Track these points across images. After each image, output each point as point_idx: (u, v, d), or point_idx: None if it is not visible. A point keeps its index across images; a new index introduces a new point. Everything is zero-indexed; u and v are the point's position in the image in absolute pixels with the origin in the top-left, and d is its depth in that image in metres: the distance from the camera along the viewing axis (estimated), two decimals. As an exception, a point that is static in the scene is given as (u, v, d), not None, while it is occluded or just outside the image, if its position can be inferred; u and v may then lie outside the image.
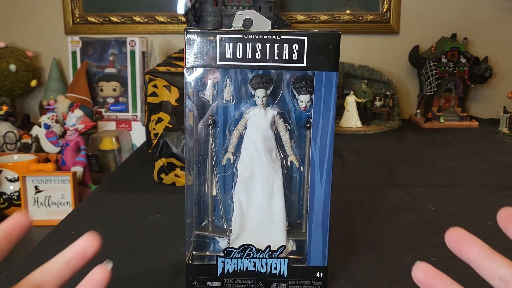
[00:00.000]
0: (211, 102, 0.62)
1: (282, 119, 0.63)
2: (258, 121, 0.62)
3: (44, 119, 1.75)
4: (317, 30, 0.58)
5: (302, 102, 0.61)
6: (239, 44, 0.57)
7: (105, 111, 1.95)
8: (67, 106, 1.79)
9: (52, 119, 1.74)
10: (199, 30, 0.57)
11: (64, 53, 2.00)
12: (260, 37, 0.57)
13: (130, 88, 1.94)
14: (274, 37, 0.57)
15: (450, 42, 1.88)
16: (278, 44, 0.57)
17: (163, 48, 2.06)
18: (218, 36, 0.57)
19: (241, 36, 0.57)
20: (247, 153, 0.63)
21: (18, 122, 1.86)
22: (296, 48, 0.57)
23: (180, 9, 2.03)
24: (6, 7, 2.06)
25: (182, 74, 0.77)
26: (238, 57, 0.58)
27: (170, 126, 1.14)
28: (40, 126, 1.76)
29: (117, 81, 1.94)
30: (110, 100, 1.95)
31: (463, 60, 1.89)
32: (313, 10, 2.03)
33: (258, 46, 0.57)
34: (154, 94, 1.22)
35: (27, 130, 1.82)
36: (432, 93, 1.91)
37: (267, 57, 0.58)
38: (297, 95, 0.62)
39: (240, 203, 0.64)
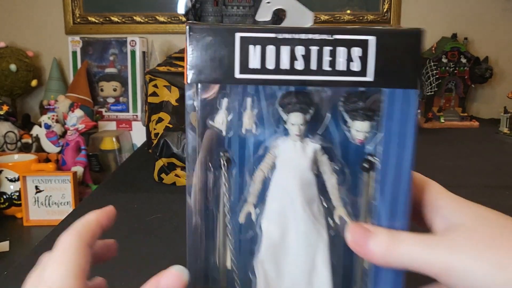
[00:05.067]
0: (224, 133, 0.43)
1: (327, 156, 0.44)
2: (293, 159, 0.43)
3: (44, 119, 1.75)
4: (389, 27, 0.40)
5: (358, 131, 0.42)
6: (271, 48, 0.39)
7: (106, 111, 1.95)
8: (68, 106, 1.79)
9: (53, 119, 1.74)
10: (208, 26, 0.39)
11: (65, 53, 2.00)
12: (303, 36, 0.39)
13: (131, 88, 1.94)
14: (324, 36, 0.39)
15: (450, 42, 1.88)
16: (330, 48, 0.39)
17: (164, 48, 2.06)
18: (238, 35, 0.39)
19: (273, 35, 0.39)
20: (276, 205, 0.43)
21: (18, 122, 1.86)
22: (358, 54, 0.39)
23: (181, 9, 2.03)
24: (6, 6, 2.06)
25: (182, 74, 0.76)
26: (269, 67, 0.39)
27: (171, 126, 1.14)
28: (40, 126, 1.76)
29: (117, 81, 1.94)
30: (111, 100, 1.95)
31: (463, 60, 1.89)
32: (313, 10, 2.01)
33: (300, 50, 0.39)
34: (154, 94, 1.22)
35: (27, 130, 1.82)
36: (433, 93, 1.91)
37: (314, 67, 0.39)
38: (350, 120, 0.42)
39: (266, 277, 0.44)
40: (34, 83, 1.99)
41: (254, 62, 0.39)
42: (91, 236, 0.41)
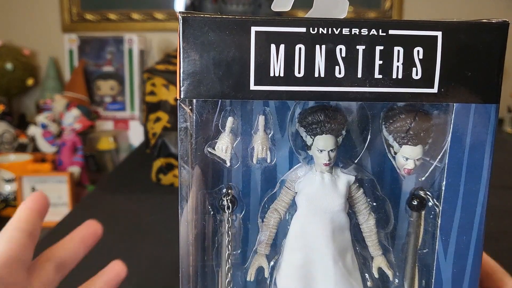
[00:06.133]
0: (228, 163, 0.31)
1: (363, 191, 0.33)
2: (321, 197, 0.32)
3: (40, 118, 1.73)
4: (458, 19, 0.29)
5: (406, 158, 0.31)
6: (300, 48, 0.28)
7: (103, 110, 1.93)
8: (64, 105, 1.77)
9: (49, 118, 1.73)
10: (211, 17, 0.28)
11: (61, 51, 1.98)
12: (346, 31, 0.28)
13: (128, 87, 1.92)
14: (374, 32, 0.28)
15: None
16: (382, 47, 0.28)
17: (162, 46, 2.04)
18: (255, 29, 0.28)
19: (303, 29, 0.28)
20: (297, 257, 0.33)
21: (14, 122, 1.84)
22: (420, 56, 0.29)
23: (179, 6, 2.01)
24: (2, 4, 2.04)
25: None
26: (298, 75, 0.28)
27: (169, 125, 1.12)
28: (36, 125, 1.74)
29: (114, 79, 1.92)
30: (108, 99, 1.93)
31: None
32: (311, 7, 2.02)
33: (341, 51, 0.28)
34: (152, 93, 1.20)
35: (23, 129, 1.80)
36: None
37: (360, 75, 0.28)
38: (396, 145, 0.32)
39: None
40: (30, 82, 1.97)
41: (277, 68, 0.28)
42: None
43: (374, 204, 0.33)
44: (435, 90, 0.29)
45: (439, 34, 0.28)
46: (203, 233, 0.32)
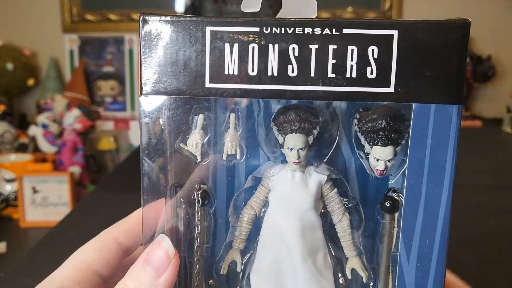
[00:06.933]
0: (199, 159, 0.32)
1: (336, 191, 0.33)
2: (291, 195, 0.32)
3: (41, 118, 1.73)
4: (417, 19, 0.29)
5: (377, 159, 0.31)
6: (253, 47, 0.29)
7: (103, 110, 1.93)
8: (65, 105, 1.77)
9: (50, 118, 1.73)
10: (168, 17, 0.29)
11: (62, 51, 1.98)
12: (298, 31, 0.28)
13: (129, 87, 1.92)
14: (327, 31, 0.28)
15: (451, 41, 1.87)
16: (335, 46, 0.28)
17: (162, 46, 2.05)
18: (210, 29, 0.29)
19: (256, 29, 0.29)
20: (268, 254, 0.33)
21: (15, 122, 1.84)
22: (375, 55, 0.28)
23: (179, 7, 2.01)
24: (3, 4, 2.04)
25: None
26: (251, 73, 0.29)
27: (169, 125, 1.12)
28: (37, 125, 1.74)
29: (115, 80, 1.92)
30: (108, 99, 1.93)
31: (465, 59, 1.88)
32: (313, 8, 2.02)
33: (294, 50, 0.28)
34: (153, 92, 1.20)
35: (23, 129, 1.80)
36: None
37: (313, 74, 0.28)
38: (367, 145, 0.32)
39: None
40: (31, 82, 1.97)
41: (231, 66, 0.29)
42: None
43: (349, 204, 0.33)
44: (391, 89, 0.28)
45: (395, 33, 0.28)
46: (176, 226, 0.32)
